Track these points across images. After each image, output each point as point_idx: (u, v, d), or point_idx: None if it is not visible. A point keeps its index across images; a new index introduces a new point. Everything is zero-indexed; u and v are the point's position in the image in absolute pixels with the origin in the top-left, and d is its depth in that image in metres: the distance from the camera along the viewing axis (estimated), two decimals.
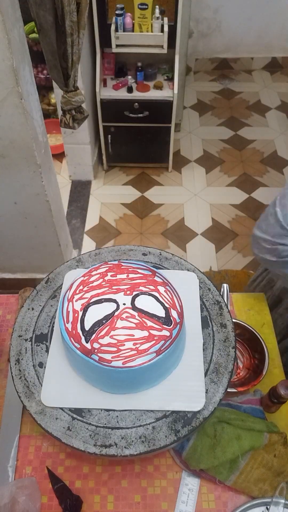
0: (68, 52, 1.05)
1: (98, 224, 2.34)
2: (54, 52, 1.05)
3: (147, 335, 0.62)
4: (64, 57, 1.06)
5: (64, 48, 1.04)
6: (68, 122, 1.24)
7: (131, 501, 0.72)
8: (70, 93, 1.18)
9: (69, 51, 1.05)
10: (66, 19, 0.98)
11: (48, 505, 0.72)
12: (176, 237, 2.27)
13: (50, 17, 0.97)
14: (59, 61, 1.07)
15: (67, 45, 1.03)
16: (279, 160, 2.72)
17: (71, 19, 0.99)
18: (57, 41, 1.03)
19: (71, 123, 1.25)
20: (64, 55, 1.06)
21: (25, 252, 1.75)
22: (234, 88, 3.35)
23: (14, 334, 0.72)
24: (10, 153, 1.32)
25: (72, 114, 1.23)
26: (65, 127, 1.28)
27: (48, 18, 0.98)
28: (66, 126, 1.27)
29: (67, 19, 0.98)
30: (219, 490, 0.73)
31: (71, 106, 1.20)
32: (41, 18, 0.99)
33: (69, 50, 1.05)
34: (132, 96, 2.21)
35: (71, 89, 1.17)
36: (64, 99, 1.20)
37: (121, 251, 0.84)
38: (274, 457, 0.72)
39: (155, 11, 1.95)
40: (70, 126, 1.26)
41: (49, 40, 1.03)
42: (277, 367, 0.88)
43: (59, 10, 0.96)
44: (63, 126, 1.28)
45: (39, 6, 0.96)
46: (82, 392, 0.65)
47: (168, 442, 0.60)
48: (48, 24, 0.99)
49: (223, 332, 0.72)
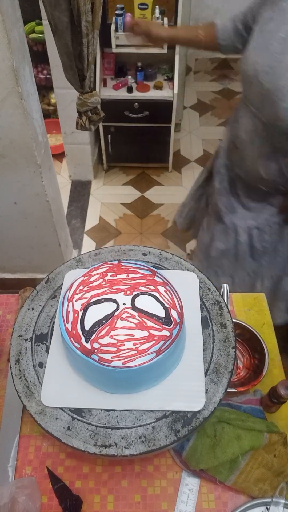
0: (84, 53, 1.04)
1: (98, 224, 2.34)
2: (69, 53, 1.04)
3: (147, 335, 0.62)
4: (80, 58, 1.05)
5: (80, 49, 1.03)
6: (85, 124, 1.23)
7: (131, 501, 0.72)
8: (86, 94, 1.17)
9: (85, 52, 1.04)
10: (82, 19, 0.97)
11: (48, 505, 0.72)
12: (176, 237, 2.27)
13: (65, 18, 0.97)
14: (74, 63, 1.07)
15: (83, 46, 1.02)
16: None
17: (87, 19, 0.98)
18: (73, 42, 1.02)
19: (88, 124, 1.24)
20: (80, 56, 1.05)
21: (25, 252, 1.75)
22: (234, 88, 3.35)
23: (14, 334, 0.72)
24: (10, 153, 1.32)
25: (88, 116, 1.22)
26: (81, 129, 1.26)
27: (63, 19, 0.97)
28: (82, 129, 1.25)
29: (83, 19, 0.97)
30: (219, 490, 0.73)
31: (87, 107, 1.19)
32: (56, 19, 0.98)
33: (85, 50, 1.04)
34: (132, 96, 2.21)
35: (87, 90, 1.16)
36: (80, 100, 1.18)
37: (121, 251, 0.84)
38: (274, 457, 0.72)
39: (155, 11, 1.95)
40: (87, 128, 1.24)
41: (64, 41, 1.02)
42: (277, 367, 0.88)
43: (75, 10, 0.95)
44: (79, 129, 1.27)
45: (54, 7, 0.95)
46: (82, 392, 0.65)
47: (168, 442, 0.60)
48: (63, 25, 0.98)
49: (223, 332, 0.72)
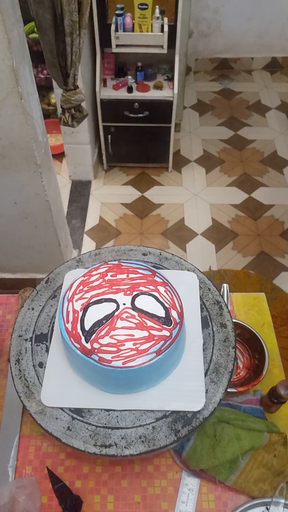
0: (67, 51, 1.05)
1: (98, 224, 2.34)
2: (52, 50, 1.05)
3: (147, 335, 0.62)
4: (63, 56, 1.06)
5: (63, 47, 1.04)
6: (67, 120, 1.25)
7: (131, 501, 0.72)
8: (69, 92, 1.18)
9: (68, 50, 1.05)
10: (65, 18, 0.98)
11: (48, 505, 0.72)
12: (176, 237, 2.27)
13: (48, 16, 0.98)
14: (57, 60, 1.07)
15: (66, 44, 1.03)
16: (279, 160, 2.72)
17: (71, 19, 0.99)
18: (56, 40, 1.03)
19: (70, 121, 1.25)
20: (63, 53, 1.06)
21: (25, 252, 1.75)
22: (234, 88, 3.35)
23: (14, 334, 0.72)
24: (10, 153, 1.32)
25: (72, 113, 1.23)
26: (64, 125, 1.28)
27: (46, 16, 0.98)
28: (65, 124, 1.27)
29: (66, 18, 0.98)
30: (219, 490, 0.73)
31: (71, 104, 1.20)
32: (40, 16, 0.99)
33: (68, 49, 1.05)
34: (132, 96, 2.21)
35: (70, 87, 1.17)
36: (63, 97, 1.20)
37: (121, 251, 0.84)
38: (274, 457, 0.72)
39: (155, 11, 1.95)
40: (69, 125, 1.26)
41: (47, 38, 1.03)
42: (277, 367, 0.88)
43: (58, 9, 0.96)
44: (62, 124, 1.28)
45: (38, 4, 0.96)
46: (82, 392, 0.65)
47: (168, 442, 0.60)
48: (46, 23, 0.99)
49: (223, 332, 0.72)
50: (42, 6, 0.96)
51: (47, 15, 0.97)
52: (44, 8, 0.96)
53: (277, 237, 2.26)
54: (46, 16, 0.98)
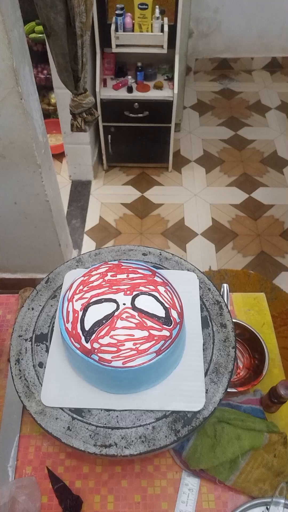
0: (78, 54, 1.04)
1: (98, 224, 2.34)
2: (65, 55, 1.04)
3: (147, 335, 0.62)
4: (75, 59, 1.06)
5: (75, 50, 1.03)
6: (80, 125, 1.23)
7: (131, 501, 0.72)
8: (80, 96, 1.17)
9: (79, 53, 1.04)
10: (77, 20, 0.97)
11: (48, 505, 0.72)
12: (176, 237, 2.27)
13: (61, 19, 0.97)
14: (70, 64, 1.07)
15: (78, 47, 1.03)
16: (279, 160, 2.72)
17: (81, 20, 0.98)
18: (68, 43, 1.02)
19: (83, 126, 1.24)
20: (75, 57, 1.05)
21: (25, 252, 1.75)
22: (234, 88, 3.35)
23: (14, 334, 0.72)
24: (10, 153, 1.32)
25: (83, 117, 1.22)
26: (77, 131, 1.26)
27: (59, 20, 0.97)
28: (78, 130, 1.25)
29: (77, 20, 0.97)
30: (219, 490, 0.73)
31: (82, 108, 1.19)
32: (52, 20, 0.98)
33: (79, 52, 1.04)
34: (132, 96, 2.21)
35: (81, 91, 1.16)
36: (74, 102, 1.18)
37: (121, 251, 0.84)
38: (274, 457, 0.72)
39: (155, 11, 1.95)
40: (82, 129, 1.25)
41: (60, 42, 1.02)
42: (277, 367, 0.88)
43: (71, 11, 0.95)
44: (74, 130, 1.27)
45: (50, 8, 0.95)
46: (82, 392, 0.65)
47: (168, 442, 0.60)
48: (59, 27, 0.98)
49: (223, 332, 0.72)
50: (55, 9, 0.95)
51: (60, 19, 0.96)
52: (57, 12, 0.95)
53: (277, 237, 2.26)
54: (58, 19, 0.97)
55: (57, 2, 0.94)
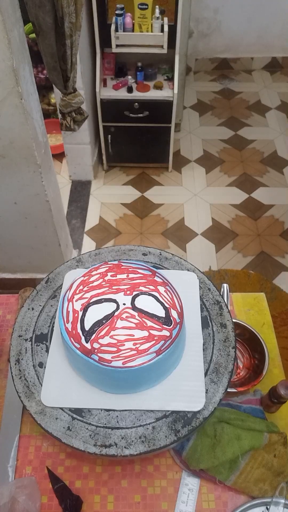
0: (67, 54, 1.05)
1: (98, 224, 2.34)
2: (53, 54, 1.05)
3: (147, 335, 0.62)
4: (64, 59, 1.06)
5: (64, 50, 1.04)
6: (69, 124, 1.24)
7: (131, 501, 0.72)
8: (69, 96, 1.18)
9: (68, 53, 1.05)
10: (65, 20, 0.98)
11: (48, 505, 0.72)
12: (176, 237, 2.27)
13: (49, 19, 0.97)
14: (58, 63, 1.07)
15: (67, 47, 1.03)
16: (279, 160, 2.72)
17: (70, 21, 0.99)
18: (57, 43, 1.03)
19: (72, 125, 1.25)
20: (63, 57, 1.06)
21: (25, 252, 1.75)
22: (234, 88, 3.35)
23: (14, 334, 0.72)
24: (10, 153, 1.32)
25: (73, 116, 1.23)
26: (66, 130, 1.27)
27: (47, 20, 0.97)
28: (67, 129, 1.27)
29: (66, 20, 0.98)
30: (219, 490, 0.73)
31: (71, 108, 1.20)
32: (41, 20, 0.98)
33: (68, 52, 1.05)
34: (132, 96, 2.21)
35: (70, 91, 1.17)
36: (63, 101, 1.19)
37: (121, 251, 0.84)
38: (274, 457, 0.72)
39: (155, 11, 1.95)
40: (71, 129, 1.26)
41: (48, 42, 1.03)
42: (277, 367, 0.88)
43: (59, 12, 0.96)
44: (63, 130, 1.28)
45: (38, 7, 0.96)
46: (82, 392, 0.65)
47: (168, 442, 0.60)
48: (47, 26, 0.99)
49: (223, 332, 0.72)
50: (43, 9, 0.96)
51: (48, 18, 0.97)
52: (45, 11, 0.96)
53: (277, 237, 2.26)
54: (46, 19, 0.97)
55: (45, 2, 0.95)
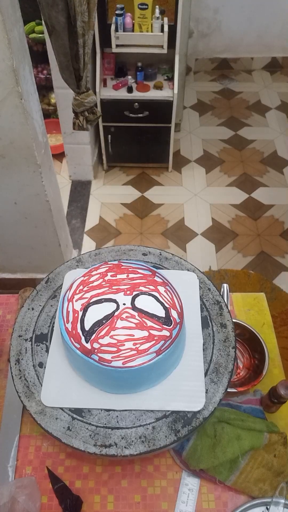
0: (80, 53, 1.05)
1: (98, 224, 2.34)
2: (66, 53, 1.05)
3: (147, 335, 0.62)
4: (76, 58, 1.06)
5: (76, 49, 1.04)
6: (82, 124, 1.24)
7: (131, 501, 0.72)
8: (82, 95, 1.17)
9: (80, 52, 1.05)
10: (78, 19, 0.97)
11: (48, 505, 0.72)
12: (176, 237, 2.27)
13: (62, 18, 0.97)
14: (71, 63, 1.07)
15: (79, 46, 1.03)
16: (279, 160, 2.72)
17: (83, 20, 0.98)
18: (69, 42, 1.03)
19: (85, 124, 1.24)
20: (76, 56, 1.06)
21: (25, 252, 1.75)
22: (234, 88, 3.35)
23: (14, 334, 0.72)
24: (10, 153, 1.32)
25: (85, 116, 1.23)
26: (78, 130, 1.26)
27: (60, 19, 0.97)
28: (79, 129, 1.26)
29: (79, 19, 0.98)
30: (219, 490, 0.73)
31: (84, 107, 1.19)
32: (53, 19, 0.98)
33: (81, 51, 1.04)
34: (132, 96, 2.21)
35: (83, 90, 1.17)
36: (76, 101, 1.19)
37: (121, 251, 0.84)
38: (274, 457, 0.72)
39: (155, 11, 1.95)
40: (84, 128, 1.25)
41: (61, 41, 1.03)
42: (277, 367, 0.88)
43: (71, 10, 0.96)
44: (76, 129, 1.27)
45: (51, 7, 0.96)
46: (82, 392, 0.65)
47: (168, 442, 0.60)
48: (60, 25, 0.99)
49: (223, 332, 0.72)
50: (56, 8, 0.95)
51: (61, 18, 0.97)
52: (58, 11, 0.96)
53: (277, 237, 2.26)
54: (60, 18, 0.97)
55: (58, 1, 0.94)
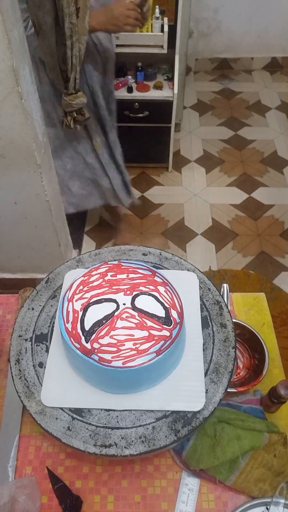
0: (67, 55, 1.05)
1: (98, 224, 2.34)
2: (53, 54, 1.05)
3: (147, 335, 0.62)
4: (64, 59, 1.06)
5: (64, 51, 1.04)
6: (69, 123, 1.24)
7: (131, 501, 0.72)
8: (70, 96, 1.18)
9: (68, 54, 1.05)
10: (66, 21, 0.98)
11: (48, 505, 0.72)
12: (176, 237, 2.27)
13: (49, 19, 0.97)
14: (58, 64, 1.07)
15: (67, 48, 1.03)
16: (279, 160, 2.72)
17: (71, 21, 0.99)
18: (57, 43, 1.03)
19: (73, 124, 1.25)
20: (63, 57, 1.06)
21: (25, 252, 1.75)
22: (234, 88, 3.35)
23: (14, 334, 0.72)
24: (10, 153, 1.32)
25: (74, 116, 1.23)
26: (66, 128, 1.28)
27: (47, 19, 0.97)
28: (67, 127, 1.27)
29: (67, 21, 0.98)
30: (219, 490, 0.73)
31: (72, 108, 1.20)
32: (40, 19, 0.98)
33: (68, 52, 1.04)
34: (132, 96, 2.21)
35: (71, 91, 1.17)
36: (64, 101, 1.19)
37: (121, 251, 0.84)
38: (274, 457, 0.72)
39: (155, 11, 1.95)
40: (71, 128, 1.26)
41: (48, 42, 1.03)
42: (277, 367, 0.88)
43: (59, 11, 0.96)
44: (65, 127, 1.28)
45: (38, 7, 0.96)
46: (82, 392, 0.65)
47: (168, 442, 0.60)
48: (47, 26, 0.99)
49: (223, 332, 0.72)
50: (43, 9, 0.96)
51: (48, 18, 0.97)
52: (45, 11, 0.96)
53: (277, 237, 2.26)
54: (46, 19, 0.97)
55: (45, 2, 0.95)
